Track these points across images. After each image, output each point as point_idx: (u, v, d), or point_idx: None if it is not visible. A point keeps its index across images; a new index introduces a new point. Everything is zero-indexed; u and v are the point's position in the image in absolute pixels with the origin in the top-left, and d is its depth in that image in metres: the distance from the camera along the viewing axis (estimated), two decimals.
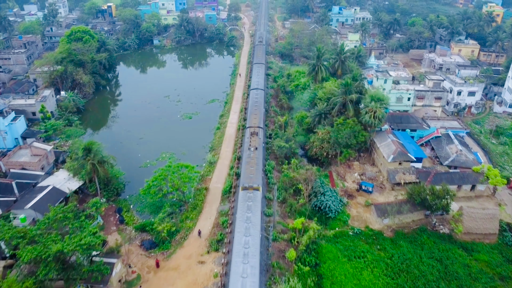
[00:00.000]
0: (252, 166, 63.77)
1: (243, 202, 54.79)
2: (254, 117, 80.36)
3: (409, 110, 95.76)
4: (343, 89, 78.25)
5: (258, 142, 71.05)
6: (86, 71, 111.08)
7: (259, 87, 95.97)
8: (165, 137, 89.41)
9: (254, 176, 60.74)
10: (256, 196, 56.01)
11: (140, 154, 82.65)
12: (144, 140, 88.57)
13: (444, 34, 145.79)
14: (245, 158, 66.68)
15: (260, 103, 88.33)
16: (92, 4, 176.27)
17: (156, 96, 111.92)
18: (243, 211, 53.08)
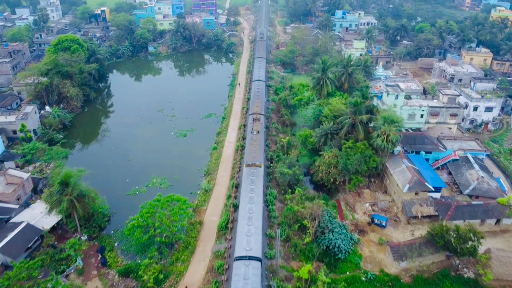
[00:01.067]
0: (254, 146, 70.10)
1: (247, 177, 61.37)
2: (256, 106, 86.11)
3: (422, 128, 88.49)
4: (352, 109, 70.81)
5: (260, 127, 77.18)
6: (74, 83, 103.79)
7: (260, 79, 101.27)
8: (157, 158, 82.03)
9: (256, 155, 67.28)
10: (259, 171, 62.83)
11: (129, 179, 75.17)
12: (134, 162, 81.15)
13: (454, 42, 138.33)
14: (249, 140, 73.60)
15: (261, 93, 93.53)
16: (85, 9, 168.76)
17: (149, 110, 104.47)
18: (247, 184, 59.69)
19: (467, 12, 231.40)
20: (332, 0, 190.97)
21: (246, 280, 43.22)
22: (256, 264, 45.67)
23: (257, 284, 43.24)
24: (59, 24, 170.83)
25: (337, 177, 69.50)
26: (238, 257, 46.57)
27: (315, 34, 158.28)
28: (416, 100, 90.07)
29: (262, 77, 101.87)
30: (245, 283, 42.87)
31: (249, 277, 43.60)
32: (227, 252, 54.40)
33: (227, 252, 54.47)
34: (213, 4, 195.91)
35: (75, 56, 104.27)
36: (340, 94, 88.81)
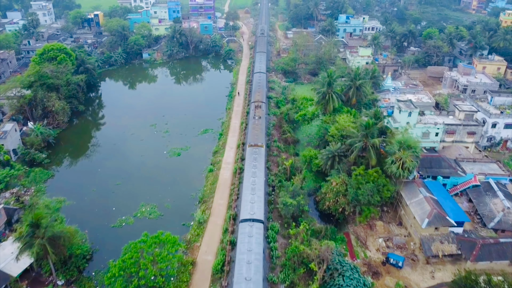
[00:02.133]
0: (257, 130, 76.51)
1: (250, 155, 67.48)
2: (257, 94, 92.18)
3: (437, 147, 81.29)
4: (363, 132, 63.55)
5: (262, 113, 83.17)
6: (61, 95, 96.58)
7: (261, 71, 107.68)
8: (147, 182, 74.77)
9: (258, 137, 73.56)
10: (261, 151, 69.42)
11: (115, 207, 67.89)
12: (122, 186, 73.89)
13: (465, 49, 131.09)
14: (251, 125, 79.80)
15: (263, 83, 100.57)
16: (77, 13, 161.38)
17: (141, 125, 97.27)
18: (250, 161, 65.73)
19: (473, 15, 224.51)
20: (334, 4, 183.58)
21: (251, 238, 49.04)
22: (259, 225, 51.91)
23: (260, 239, 49.46)
24: (50, 29, 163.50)
25: (346, 207, 62.38)
26: (243, 220, 52.66)
27: (318, 39, 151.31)
28: (430, 117, 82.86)
29: (263, 70, 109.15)
30: (250, 240, 48.69)
31: (253, 235, 49.56)
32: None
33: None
34: (211, 8, 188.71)
35: (61, 67, 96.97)
36: (347, 110, 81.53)
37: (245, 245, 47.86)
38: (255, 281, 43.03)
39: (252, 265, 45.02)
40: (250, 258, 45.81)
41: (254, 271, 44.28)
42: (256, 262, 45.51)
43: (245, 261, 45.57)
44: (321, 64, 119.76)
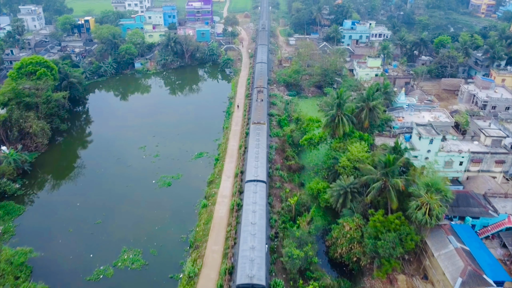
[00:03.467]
0: (259, 110, 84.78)
1: (253, 131, 75.78)
2: (259, 81, 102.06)
3: (460, 177, 71.99)
4: (382, 170, 54.22)
5: (263, 97, 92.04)
6: (40, 114, 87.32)
7: (263, 61, 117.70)
8: (132, 220, 65.46)
9: (260, 116, 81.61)
10: (263, 127, 77.20)
11: (92, 254, 58.51)
12: (102, 225, 64.55)
13: (481, 59, 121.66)
14: (254, 106, 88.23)
15: (264, 71, 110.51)
16: (66, 19, 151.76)
17: (129, 147, 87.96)
18: (254, 136, 73.72)
19: (483, 19, 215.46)
20: (339, 9, 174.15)
21: (255, 194, 58.23)
22: (262, 184, 60.84)
23: (263, 194, 58.88)
24: (37, 35, 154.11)
25: (362, 258, 53.14)
26: (248, 180, 61.59)
27: (322, 47, 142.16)
28: (453, 142, 73.45)
29: (264, 60, 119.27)
30: (255, 195, 57.99)
31: (257, 191, 58.60)
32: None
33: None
34: (209, 12, 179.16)
35: (40, 83, 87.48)
36: (359, 134, 72.17)
37: (251, 199, 57.46)
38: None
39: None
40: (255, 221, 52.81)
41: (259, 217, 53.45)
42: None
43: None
44: (327, 77, 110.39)
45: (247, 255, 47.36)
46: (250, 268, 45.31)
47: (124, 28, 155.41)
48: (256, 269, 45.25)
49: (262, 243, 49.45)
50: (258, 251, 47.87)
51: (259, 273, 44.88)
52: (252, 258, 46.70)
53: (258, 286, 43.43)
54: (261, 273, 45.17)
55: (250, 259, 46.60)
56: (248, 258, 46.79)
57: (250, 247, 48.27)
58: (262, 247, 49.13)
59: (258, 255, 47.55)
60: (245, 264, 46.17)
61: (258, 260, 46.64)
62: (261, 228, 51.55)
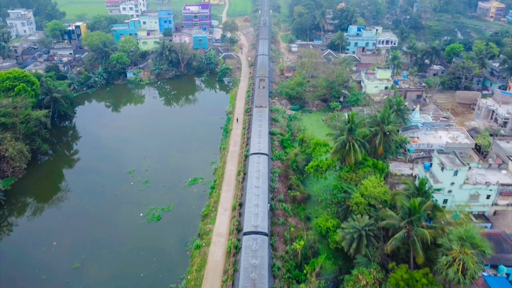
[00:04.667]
0: (261, 96, 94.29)
1: (256, 114, 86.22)
2: (261, 71, 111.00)
3: (487, 212, 63.76)
4: (406, 217, 45.97)
5: (265, 85, 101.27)
6: (19, 134, 79.06)
7: (264, 53, 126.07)
8: (113, 265, 57.20)
9: (262, 101, 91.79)
10: (265, 111, 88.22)
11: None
12: (81, 270, 56.28)
13: (497, 69, 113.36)
14: (257, 93, 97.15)
15: (265, 63, 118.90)
16: (55, 25, 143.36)
17: (116, 171, 79.74)
18: (256, 118, 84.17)
19: (492, 23, 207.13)
20: (343, 13, 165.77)
21: (258, 164, 66.92)
22: (264, 157, 69.67)
23: (265, 164, 67.86)
24: (25, 42, 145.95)
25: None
26: (252, 153, 70.48)
27: (327, 55, 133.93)
28: (479, 172, 65.15)
29: (265, 52, 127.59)
30: (258, 164, 66.80)
31: (260, 161, 67.59)
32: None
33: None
34: (207, 17, 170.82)
35: (18, 100, 79.18)
36: (372, 162, 64.00)
37: (255, 168, 66.39)
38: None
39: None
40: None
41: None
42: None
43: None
44: (333, 90, 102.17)
45: (252, 210, 56.73)
46: (255, 220, 54.75)
47: (117, 34, 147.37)
48: (260, 221, 54.78)
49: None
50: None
51: (262, 223, 54.49)
52: (256, 213, 55.94)
53: (261, 233, 52.58)
54: (264, 223, 54.80)
55: (255, 214, 55.92)
56: (253, 213, 56.11)
57: (255, 205, 57.63)
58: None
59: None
60: (250, 217, 55.62)
61: (261, 214, 56.10)
62: (263, 190, 61.43)
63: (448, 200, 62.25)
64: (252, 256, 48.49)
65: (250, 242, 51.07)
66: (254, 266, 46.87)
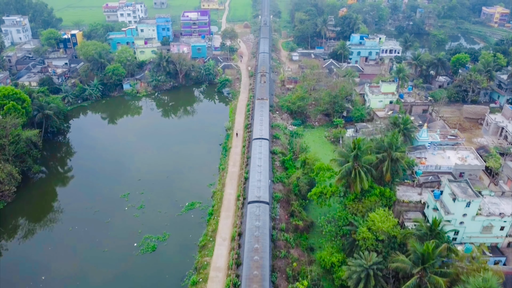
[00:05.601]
0: (262, 90, 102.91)
1: (258, 105, 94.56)
2: (262, 68, 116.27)
3: (500, 243, 60.23)
4: (419, 262, 42.47)
5: (266, 79, 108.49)
6: (8, 155, 75.53)
7: (265, 51, 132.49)
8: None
9: (263, 94, 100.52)
10: (265, 103, 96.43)
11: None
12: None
13: (505, 82, 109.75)
14: (258, 87, 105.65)
15: (266, 60, 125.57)
16: (50, 34, 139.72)
17: (109, 194, 76.22)
18: (258, 109, 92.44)
19: (496, 29, 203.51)
20: (345, 21, 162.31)
21: (260, 147, 75.67)
22: (265, 141, 79.27)
23: (266, 147, 77.02)
24: (20, 51, 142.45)
25: None
26: (255, 138, 79.79)
27: (329, 65, 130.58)
28: (492, 200, 61.70)
29: (266, 50, 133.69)
30: (260, 147, 75.65)
31: (261, 145, 76.60)
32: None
33: None
34: (206, 24, 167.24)
35: (8, 120, 75.63)
36: (380, 191, 60.57)
37: (257, 150, 74.92)
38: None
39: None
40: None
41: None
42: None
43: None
44: (336, 104, 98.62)
45: (255, 184, 65.05)
46: (257, 192, 63.17)
47: (114, 43, 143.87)
48: (262, 192, 63.24)
49: (266, 177, 67.85)
50: (263, 182, 65.96)
51: (264, 194, 62.93)
52: (259, 186, 64.43)
53: (263, 202, 61.17)
54: (266, 195, 63.15)
55: (258, 187, 64.35)
56: (256, 186, 64.51)
57: (258, 180, 66.04)
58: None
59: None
60: (254, 190, 63.95)
61: (263, 187, 64.48)
62: (265, 169, 70.07)
63: (459, 231, 58.82)
64: (255, 219, 57.50)
65: (254, 209, 59.74)
66: (258, 227, 55.87)
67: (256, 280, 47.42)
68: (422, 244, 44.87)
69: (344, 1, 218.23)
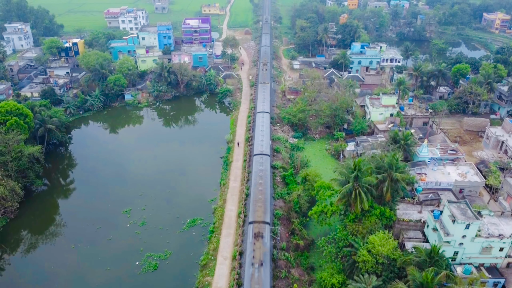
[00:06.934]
0: (264, 76, 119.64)
1: (261, 87, 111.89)
2: (264, 58, 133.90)
3: (499, 264, 60.61)
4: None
5: (267, 68, 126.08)
6: (11, 171, 76.04)
7: (266, 45, 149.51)
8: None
9: (265, 79, 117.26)
10: (267, 86, 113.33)
11: None
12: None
13: (506, 94, 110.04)
14: (261, 74, 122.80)
15: (267, 52, 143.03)
16: (52, 43, 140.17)
17: (112, 209, 76.72)
18: (261, 90, 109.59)
19: (497, 35, 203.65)
20: (346, 29, 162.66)
21: (263, 118, 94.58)
22: (267, 114, 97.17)
23: (267, 118, 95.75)
24: (22, 60, 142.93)
25: None
26: (259, 111, 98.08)
27: (329, 74, 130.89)
28: (491, 221, 62.04)
29: (267, 44, 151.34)
30: (262, 118, 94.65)
31: (263, 117, 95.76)
32: None
33: None
34: (207, 32, 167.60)
35: (10, 137, 76.09)
36: (380, 211, 61.01)
37: (260, 122, 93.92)
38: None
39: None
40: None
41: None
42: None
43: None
44: (337, 117, 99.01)
45: (259, 143, 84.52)
46: (261, 147, 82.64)
47: (115, 51, 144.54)
48: (264, 148, 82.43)
49: (267, 138, 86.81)
50: (265, 141, 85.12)
51: (266, 149, 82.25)
52: (262, 144, 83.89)
53: (265, 154, 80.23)
54: (267, 149, 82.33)
55: (261, 144, 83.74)
56: (259, 144, 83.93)
57: (261, 140, 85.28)
58: (267, 139, 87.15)
59: (265, 143, 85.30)
60: (258, 146, 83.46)
61: (265, 144, 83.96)
62: (266, 132, 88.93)
63: (458, 252, 59.21)
64: (260, 164, 76.69)
65: (258, 158, 79.14)
66: (261, 169, 74.92)
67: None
68: (421, 270, 45.32)
69: (345, 7, 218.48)
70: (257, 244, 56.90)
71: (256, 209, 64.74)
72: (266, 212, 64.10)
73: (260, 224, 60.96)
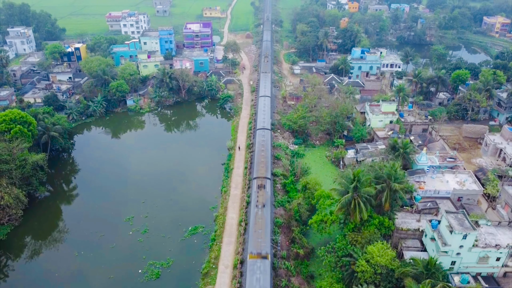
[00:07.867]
0: (265, 66, 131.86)
1: (263, 76, 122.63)
2: (266, 52, 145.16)
3: (496, 273, 61.57)
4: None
5: (269, 60, 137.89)
6: (15, 179, 77.03)
7: (267, 40, 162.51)
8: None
9: (267, 69, 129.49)
10: (268, 75, 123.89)
11: None
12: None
13: (505, 100, 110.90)
14: (263, 65, 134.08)
15: (268, 46, 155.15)
16: (54, 48, 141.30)
17: (115, 217, 77.78)
18: (263, 79, 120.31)
19: (497, 39, 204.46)
20: (347, 33, 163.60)
21: (264, 101, 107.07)
22: (268, 98, 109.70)
23: (268, 101, 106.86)
24: (24, 65, 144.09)
25: None
26: (261, 96, 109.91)
27: (330, 80, 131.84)
28: (489, 230, 63.02)
29: (268, 39, 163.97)
30: (264, 101, 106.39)
31: (265, 100, 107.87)
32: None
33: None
34: (208, 36, 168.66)
35: (14, 145, 77.23)
36: (379, 221, 62.06)
37: (261, 106, 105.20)
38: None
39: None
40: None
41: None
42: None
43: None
44: (337, 124, 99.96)
45: (261, 119, 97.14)
46: (263, 122, 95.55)
47: (117, 56, 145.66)
48: (266, 123, 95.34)
49: (268, 116, 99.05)
50: (267, 118, 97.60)
51: (267, 125, 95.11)
52: (264, 120, 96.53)
53: (267, 129, 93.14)
54: (268, 125, 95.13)
55: (263, 120, 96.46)
56: (261, 120, 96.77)
57: (263, 118, 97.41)
58: (268, 117, 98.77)
59: (266, 119, 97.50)
60: (260, 121, 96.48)
61: (267, 120, 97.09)
62: (267, 112, 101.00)
63: (456, 262, 60.17)
64: (262, 137, 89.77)
65: (261, 132, 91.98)
66: (263, 140, 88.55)
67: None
68: (418, 282, 46.29)
69: (346, 11, 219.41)
70: (260, 192, 70.06)
71: (259, 168, 78.12)
72: (267, 170, 78.28)
73: (262, 178, 74.70)
